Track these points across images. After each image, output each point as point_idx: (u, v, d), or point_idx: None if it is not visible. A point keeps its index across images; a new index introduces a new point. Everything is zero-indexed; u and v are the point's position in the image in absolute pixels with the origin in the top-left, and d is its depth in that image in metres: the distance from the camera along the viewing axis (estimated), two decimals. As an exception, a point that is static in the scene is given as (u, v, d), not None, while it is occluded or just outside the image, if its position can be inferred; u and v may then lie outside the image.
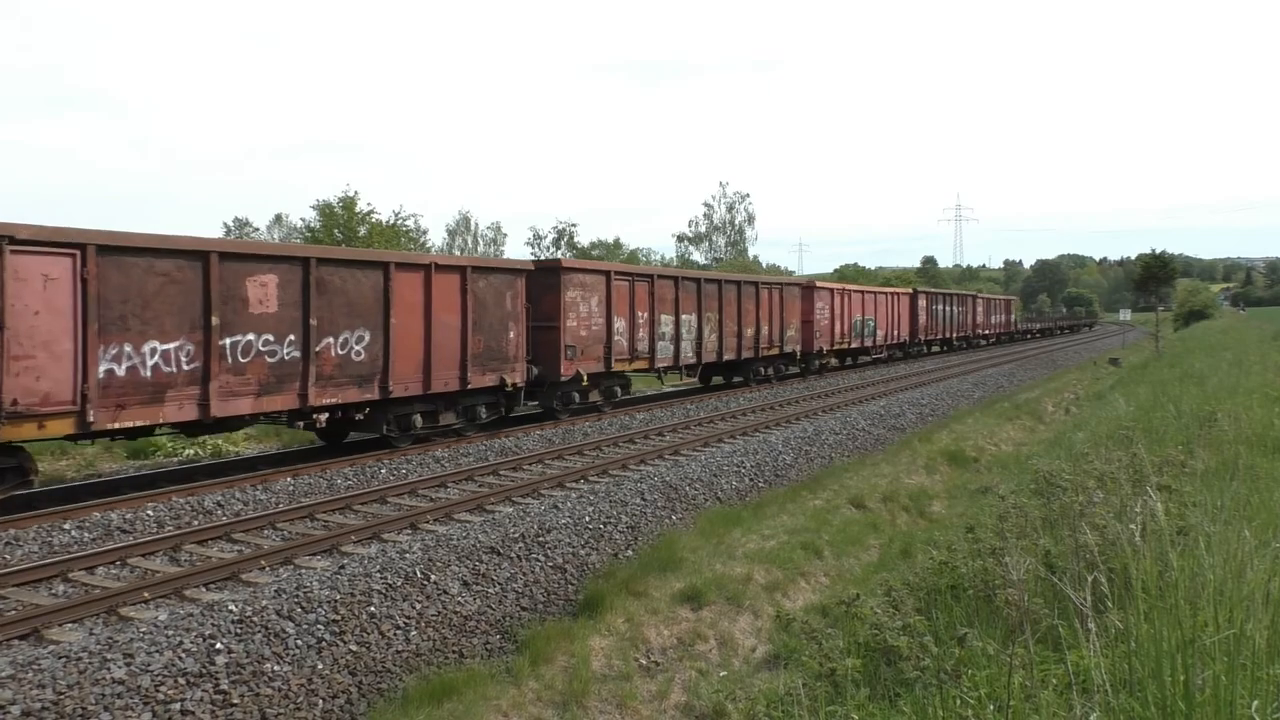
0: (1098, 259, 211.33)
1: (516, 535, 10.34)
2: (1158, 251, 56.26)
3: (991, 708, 3.71)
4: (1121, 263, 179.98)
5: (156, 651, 6.93)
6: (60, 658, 6.71)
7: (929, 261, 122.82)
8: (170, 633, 7.22)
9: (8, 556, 9.49)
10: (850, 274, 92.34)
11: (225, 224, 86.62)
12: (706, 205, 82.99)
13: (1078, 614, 4.27)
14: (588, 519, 11.34)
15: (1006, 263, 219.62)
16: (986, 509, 9.98)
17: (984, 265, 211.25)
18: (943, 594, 6.36)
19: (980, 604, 5.81)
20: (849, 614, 5.97)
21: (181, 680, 6.75)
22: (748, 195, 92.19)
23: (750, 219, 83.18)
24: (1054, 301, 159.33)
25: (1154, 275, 53.81)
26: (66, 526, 10.43)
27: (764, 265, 74.54)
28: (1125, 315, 71.34)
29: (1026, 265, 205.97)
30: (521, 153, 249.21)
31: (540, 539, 10.47)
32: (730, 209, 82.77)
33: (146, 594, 8.41)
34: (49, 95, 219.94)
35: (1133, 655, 3.66)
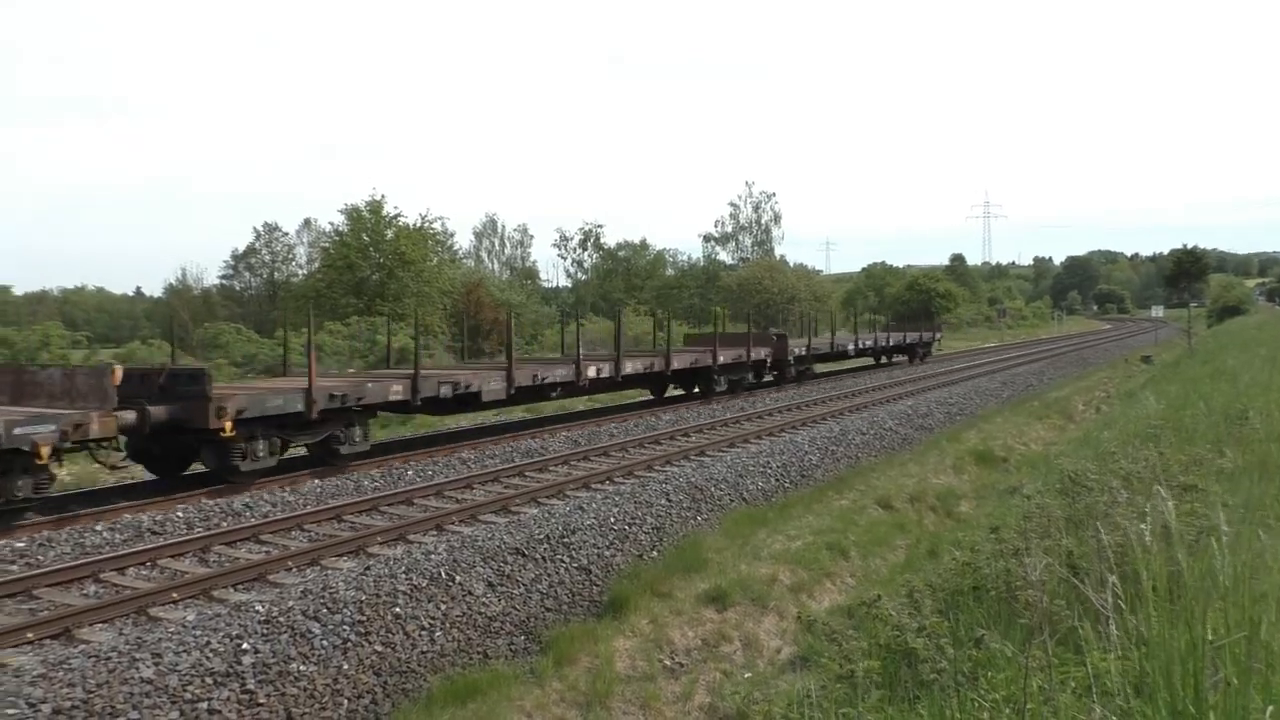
0: (1129, 255, 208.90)
1: (541, 536, 10.37)
2: (1190, 246, 55.55)
3: (1009, 711, 3.69)
4: (1154, 258, 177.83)
5: (184, 651, 7.02)
6: (90, 657, 6.82)
7: (957, 259, 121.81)
8: (198, 633, 7.32)
9: (41, 557, 9.65)
10: (878, 273, 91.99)
11: (255, 229, 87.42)
12: (733, 205, 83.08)
13: (1099, 616, 4.24)
14: (613, 520, 11.37)
15: (1036, 260, 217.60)
16: (1012, 509, 9.91)
17: (1013, 262, 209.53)
18: (965, 595, 6.33)
19: (1002, 605, 5.77)
20: (870, 615, 5.95)
21: (209, 680, 6.84)
22: (774, 194, 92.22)
23: (777, 218, 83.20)
24: (1084, 299, 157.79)
25: (1186, 271, 53.17)
26: (98, 528, 10.59)
27: (791, 265, 74.33)
28: (1158, 312, 70.61)
29: (1057, 262, 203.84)
30: (548, 154, 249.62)
31: (565, 540, 10.51)
32: (757, 209, 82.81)
33: (175, 594, 8.52)
34: (70, 98, 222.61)
35: (1144, 658, 3.63)
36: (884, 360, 36.72)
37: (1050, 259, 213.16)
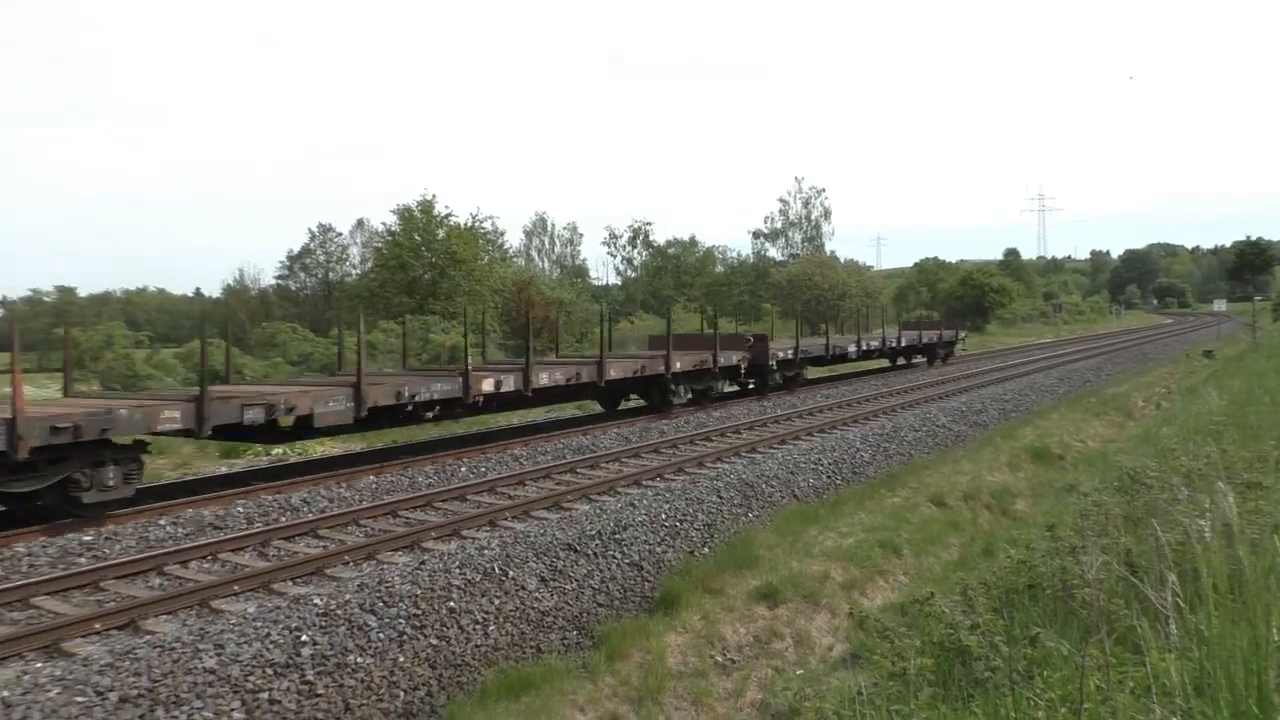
0: (1190, 247, 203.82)
1: (593, 532, 10.43)
2: (1253, 238, 54.20)
3: (1065, 710, 3.66)
4: (1216, 251, 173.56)
5: (245, 643, 7.18)
6: (155, 647, 7.00)
7: (1011, 253, 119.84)
8: (259, 625, 7.48)
9: (107, 551, 9.92)
10: (930, 268, 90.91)
11: (310, 229, 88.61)
12: (782, 201, 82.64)
13: (1158, 615, 4.17)
14: (664, 516, 11.39)
15: (1093, 253, 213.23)
16: (1069, 507, 9.77)
17: (1069, 256, 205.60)
18: (1020, 593, 6.26)
19: (1058, 604, 5.71)
20: (923, 613, 5.91)
21: (269, 670, 6.98)
22: (824, 190, 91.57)
23: (827, 214, 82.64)
24: (1143, 293, 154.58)
25: (1249, 263, 51.95)
26: (162, 522, 10.86)
27: (841, 260, 73.71)
28: (1221, 305, 68.75)
29: (1114, 256, 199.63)
30: (598, 153, 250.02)
31: (617, 536, 10.55)
32: (806, 204, 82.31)
33: (236, 587, 8.71)
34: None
35: (1205, 658, 3.57)
36: (900, 362, 32.99)
37: (1108, 252, 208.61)
